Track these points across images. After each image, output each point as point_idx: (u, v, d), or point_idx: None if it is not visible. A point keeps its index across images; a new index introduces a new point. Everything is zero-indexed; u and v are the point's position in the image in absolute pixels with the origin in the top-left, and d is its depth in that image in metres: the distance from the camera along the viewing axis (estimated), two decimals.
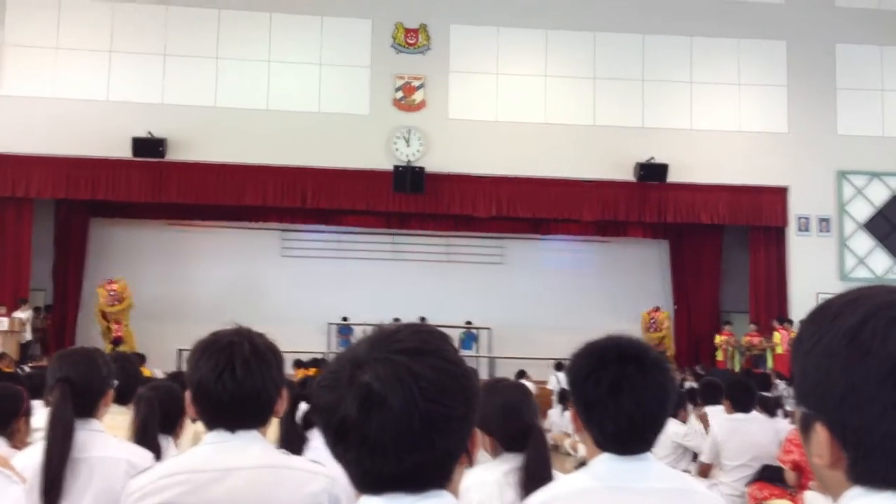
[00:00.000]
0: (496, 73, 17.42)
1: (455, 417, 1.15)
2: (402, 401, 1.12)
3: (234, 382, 1.92)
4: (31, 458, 2.47)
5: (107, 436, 2.60)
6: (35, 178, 16.16)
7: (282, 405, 2.04)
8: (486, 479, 2.46)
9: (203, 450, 1.97)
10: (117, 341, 15.90)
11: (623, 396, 1.83)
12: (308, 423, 3.37)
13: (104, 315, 16.52)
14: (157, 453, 2.86)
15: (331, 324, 18.04)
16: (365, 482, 1.16)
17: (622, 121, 17.44)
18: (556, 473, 2.44)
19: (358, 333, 17.04)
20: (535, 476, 2.31)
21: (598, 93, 17.57)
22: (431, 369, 1.15)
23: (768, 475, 6.13)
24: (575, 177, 17.13)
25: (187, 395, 2.00)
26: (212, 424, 1.98)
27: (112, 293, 16.31)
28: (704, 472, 6.66)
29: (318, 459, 2.76)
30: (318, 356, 15.59)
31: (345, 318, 18.01)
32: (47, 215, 17.58)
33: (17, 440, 3.15)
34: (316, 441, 3.27)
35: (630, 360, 1.85)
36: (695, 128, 17.61)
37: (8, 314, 15.32)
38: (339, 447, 1.16)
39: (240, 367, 1.93)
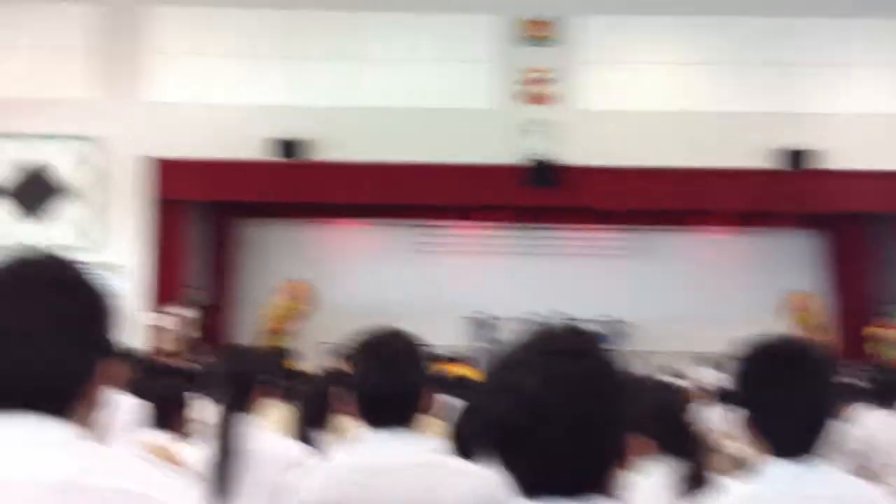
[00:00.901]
0: (630, 61, 17.07)
1: (613, 420, 1.16)
2: (564, 404, 1.12)
3: (394, 380, 1.97)
4: (197, 452, 2.59)
5: (267, 431, 2.72)
6: (189, 181, 16.95)
7: (429, 403, 2.09)
8: (645, 483, 2.41)
9: (367, 448, 2.03)
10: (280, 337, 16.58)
11: (794, 398, 1.77)
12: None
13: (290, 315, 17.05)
14: (313, 446, 2.95)
15: (466, 317, 18.15)
16: (529, 488, 1.17)
17: (769, 106, 16.69)
18: (715, 478, 2.37)
19: (499, 327, 17.21)
20: (695, 481, 2.26)
21: (742, 78, 16.91)
22: (590, 371, 1.15)
23: None
24: (716, 165, 16.54)
25: (347, 394, 2.06)
26: (373, 423, 2.03)
27: (308, 295, 17.02)
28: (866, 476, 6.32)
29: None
30: (457, 352, 15.71)
31: (481, 313, 18.10)
32: (204, 217, 18.46)
33: (177, 432, 3.30)
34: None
35: (799, 360, 1.80)
36: (846, 111, 16.67)
37: (170, 312, 16.22)
38: (500, 451, 1.17)
39: (401, 366, 1.98)
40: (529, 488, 1.16)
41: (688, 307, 18.28)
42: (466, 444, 2.47)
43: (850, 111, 16.66)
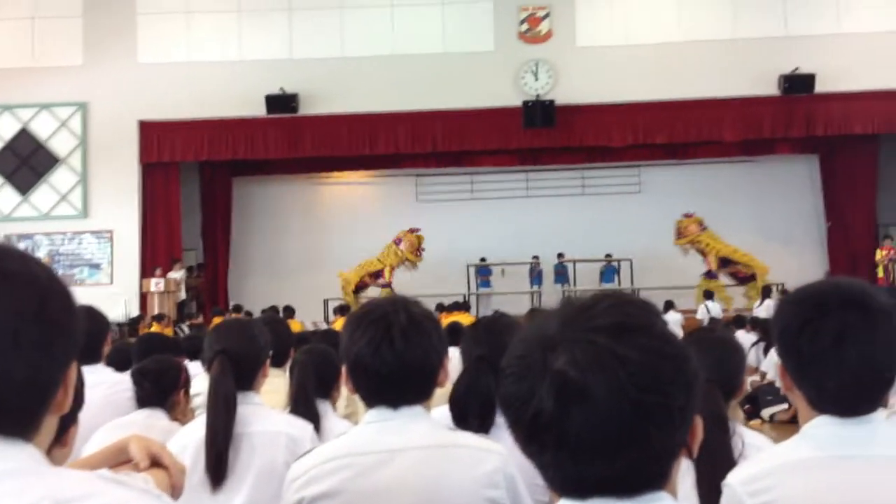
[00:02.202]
0: None
1: (674, 407, 0.97)
2: (607, 391, 0.93)
3: (394, 355, 1.78)
4: (193, 434, 2.44)
5: (266, 408, 2.56)
6: (179, 142, 16.75)
7: (444, 376, 1.91)
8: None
9: (366, 430, 1.86)
10: (387, 285, 16.42)
11: (847, 349, 1.56)
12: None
13: (398, 261, 16.82)
14: (316, 420, 2.81)
15: (470, 265, 18.01)
16: (566, 486, 0.99)
17: (763, 31, 16.41)
18: (741, 430, 2.21)
19: (497, 273, 17.16)
20: (710, 438, 2.08)
21: (737, 2, 16.56)
22: (640, 350, 0.96)
23: None
24: (714, 96, 16.29)
25: (343, 369, 1.89)
26: (372, 401, 1.86)
27: (420, 246, 16.70)
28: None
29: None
30: (460, 299, 15.66)
31: (483, 259, 17.97)
32: (193, 177, 18.23)
33: (178, 412, 3.17)
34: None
35: (854, 306, 1.58)
36: (842, 31, 16.36)
37: (163, 275, 16.05)
38: (533, 447, 0.98)
39: (398, 338, 1.79)
40: (566, 489, 0.99)
41: None
42: (465, 406, 2.28)
43: (848, 30, 16.34)
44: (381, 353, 1.79)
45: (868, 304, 1.59)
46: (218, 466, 2.35)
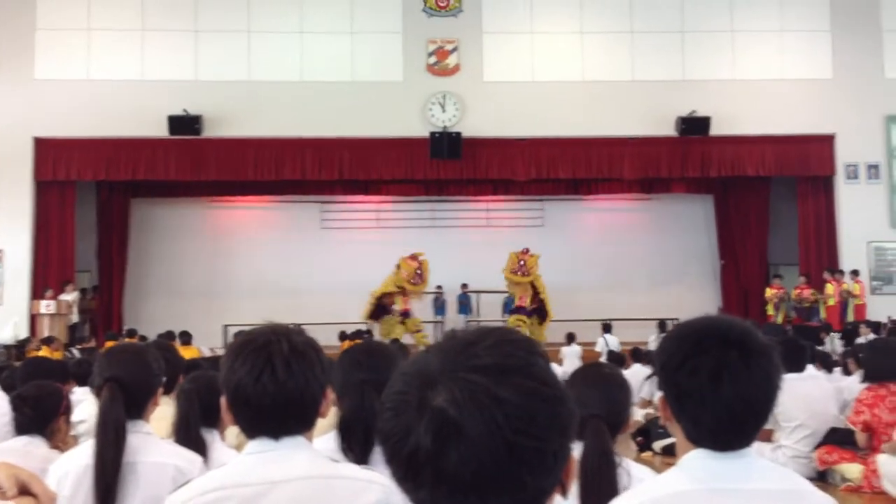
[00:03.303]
0: (530, 31, 17.09)
1: (549, 452, 0.97)
2: (483, 431, 0.93)
3: (275, 384, 1.74)
4: (76, 460, 2.35)
5: (155, 439, 2.49)
6: (75, 160, 16.24)
7: (327, 406, 1.88)
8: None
9: (246, 460, 1.81)
10: (406, 314, 15.77)
11: (724, 386, 1.60)
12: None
13: (397, 288, 15.92)
14: (202, 449, 2.74)
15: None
16: None
17: (662, 74, 17.03)
18: (627, 463, 2.25)
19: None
20: (595, 471, 2.10)
21: (636, 47, 17.17)
22: (518, 392, 0.96)
23: (837, 438, 5.89)
24: (615, 134, 16.80)
25: (223, 400, 1.85)
26: (253, 432, 1.81)
27: (418, 272, 15.74)
28: (765, 436, 6.42)
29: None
30: (363, 327, 15.57)
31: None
32: (89, 197, 17.68)
33: (58, 440, 3.06)
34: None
35: (733, 344, 1.62)
36: (737, 78, 17.13)
37: (55, 297, 15.47)
38: (409, 483, 0.98)
39: (280, 368, 1.76)
40: None
41: (591, 274, 18.59)
42: (354, 433, 2.25)
43: (742, 77, 17.09)
44: (263, 382, 1.75)
45: (746, 342, 1.64)
46: (106, 498, 2.27)
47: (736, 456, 1.64)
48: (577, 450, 2.15)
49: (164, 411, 3.26)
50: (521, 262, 16.04)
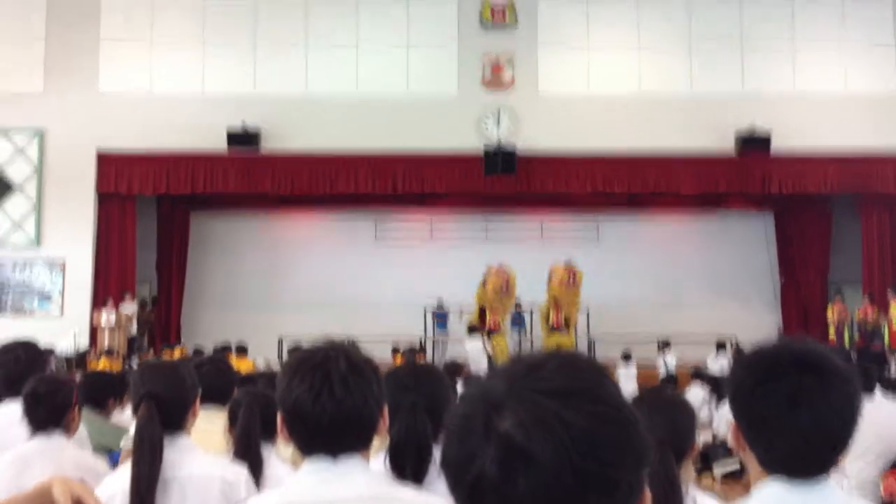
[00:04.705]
0: (587, 47, 16.98)
1: (620, 480, 0.91)
2: (551, 456, 0.89)
3: (334, 402, 1.73)
4: (122, 481, 2.36)
5: (198, 452, 2.48)
6: (136, 174, 16.54)
7: (384, 425, 1.85)
8: None
9: (304, 480, 1.78)
10: (493, 331, 15.57)
11: (800, 412, 1.55)
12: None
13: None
14: (259, 463, 2.73)
15: (427, 308, 17.94)
16: None
17: (721, 88, 16.78)
18: (693, 491, 2.18)
19: (454, 317, 16.96)
20: (662, 500, 2.03)
21: (693, 60, 16.95)
22: (586, 416, 0.91)
23: None
24: (672, 148, 16.56)
25: (279, 417, 1.83)
26: (310, 450, 1.79)
27: (506, 283, 15.76)
28: None
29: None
30: (416, 342, 15.57)
31: (440, 302, 17.91)
32: (150, 210, 18.01)
33: (72, 430, 3.14)
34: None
35: (809, 369, 1.57)
36: (798, 90, 16.79)
37: (115, 307, 15.75)
38: None
39: (338, 386, 1.74)
40: None
41: (646, 290, 18.36)
42: (406, 455, 2.22)
43: (804, 90, 16.76)
44: (322, 400, 1.73)
45: (823, 366, 1.58)
46: None
47: (813, 486, 1.57)
48: None
49: (217, 423, 3.26)
50: (572, 274, 15.94)
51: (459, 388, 6.89)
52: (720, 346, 15.24)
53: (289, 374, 1.81)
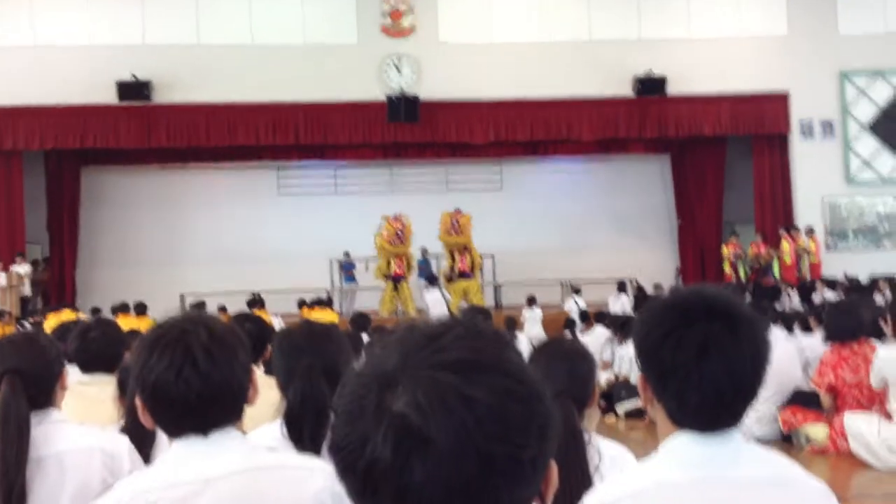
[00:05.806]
0: None
1: (526, 459, 0.85)
2: (452, 438, 0.81)
3: (199, 377, 1.60)
4: None
5: (71, 425, 2.33)
6: (21, 129, 15.78)
7: (254, 393, 1.75)
8: None
9: (175, 459, 1.65)
10: (398, 278, 15.64)
11: (710, 361, 1.50)
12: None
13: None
14: (152, 435, 2.60)
15: (333, 260, 17.77)
16: None
17: (619, 34, 16.95)
18: (597, 440, 2.18)
19: (361, 268, 16.88)
20: (565, 452, 2.01)
21: (592, 6, 17.03)
22: (490, 391, 0.83)
23: (802, 399, 5.92)
24: (572, 95, 16.70)
25: (138, 401, 1.68)
26: (177, 430, 1.65)
27: (399, 232, 15.66)
28: None
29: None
30: (323, 295, 15.43)
31: (346, 253, 17.75)
32: (37, 167, 17.20)
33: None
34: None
35: (719, 316, 1.51)
36: (693, 37, 17.11)
37: (5, 269, 15.11)
38: (367, 500, 0.84)
39: (202, 359, 1.61)
40: None
41: (550, 235, 18.59)
42: (304, 421, 2.14)
43: (698, 36, 17.07)
44: (184, 376, 1.60)
45: (734, 314, 1.53)
46: (11, 498, 2.14)
47: (723, 439, 1.54)
48: None
49: (112, 391, 3.08)
50: (455, 222, 16.00)
51: (366, 339, 6.84)
52: (621, 287, 15.60)
53: (144, 353, 1.65)
